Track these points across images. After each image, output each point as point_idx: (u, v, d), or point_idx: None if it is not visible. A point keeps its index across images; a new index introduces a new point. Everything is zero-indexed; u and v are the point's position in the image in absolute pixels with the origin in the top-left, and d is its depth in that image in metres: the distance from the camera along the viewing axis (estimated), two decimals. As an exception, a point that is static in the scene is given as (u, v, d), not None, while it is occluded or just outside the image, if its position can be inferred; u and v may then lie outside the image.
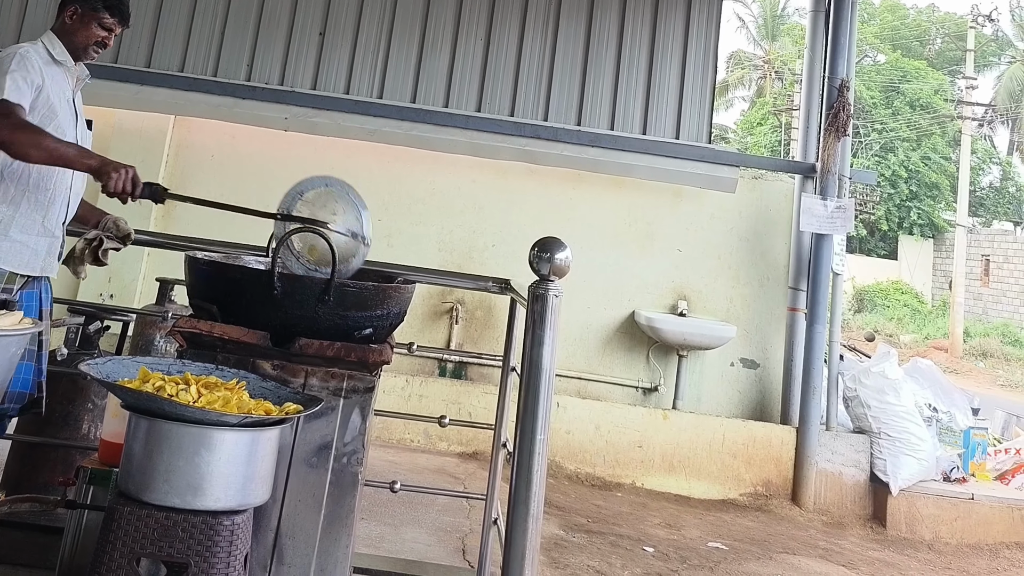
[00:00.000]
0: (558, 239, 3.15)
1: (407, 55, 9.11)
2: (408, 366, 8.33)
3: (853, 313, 32.10)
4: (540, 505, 2.99)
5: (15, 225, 3.55)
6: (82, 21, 3.75)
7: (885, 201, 35.72)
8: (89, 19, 3.75)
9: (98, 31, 3.76)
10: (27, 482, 4.14)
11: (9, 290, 3.45)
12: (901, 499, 7.65)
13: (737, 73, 47.81)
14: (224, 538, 2.46)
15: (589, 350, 8.67)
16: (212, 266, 3.14)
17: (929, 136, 38.14)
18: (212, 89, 8.73)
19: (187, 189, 8.54)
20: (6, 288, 3.47)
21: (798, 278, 8.54)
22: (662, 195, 8.91)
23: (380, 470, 6.41)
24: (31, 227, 3.60)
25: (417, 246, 8.69)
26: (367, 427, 3.01)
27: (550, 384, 3.05)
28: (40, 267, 3.66)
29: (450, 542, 5.53)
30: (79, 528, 3.11)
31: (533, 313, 3.10)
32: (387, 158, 8.84)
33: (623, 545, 6.11)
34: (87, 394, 4.34)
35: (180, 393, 2.56)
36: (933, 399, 8.43)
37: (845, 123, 8.46)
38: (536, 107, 9.07)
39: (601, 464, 7.93)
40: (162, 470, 2.43)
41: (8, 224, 3.53)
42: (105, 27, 3.78)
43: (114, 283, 8.34)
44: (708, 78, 9.24)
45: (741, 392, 8.66)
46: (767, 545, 6.69)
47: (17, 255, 3.55)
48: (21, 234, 3.57)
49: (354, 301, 2.98)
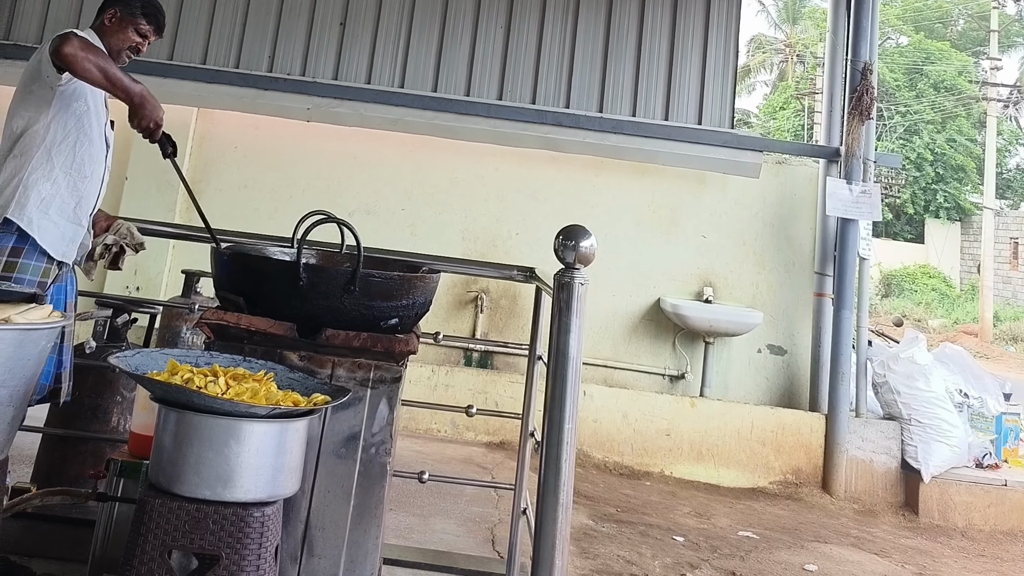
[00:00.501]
0: (583, 227, 3.12)
1: (428, 44, 9.08)
2: (434, 356, 8.33)
3: (880, 298, 31.88)
4: (569, 495, 2.97)
5: (54, 206, 3.65)
6: (120, 25, 3.88)
7: (911, 184, 35.44)
8: (127, 24, 3.88)
9: (133, 36, 3.90)
10: (58, 475, 4.16)
11: (44, 284, 3.48)
12: (933, 486, 7.59)
13: (758, 57, 47.53)
14: (255, 529, 2.46)
15: (615, 338, 8.65)
16: (238, 258, 3.14)
17: (954, 118, 37.83)
18: (234, 81, 8.74)
19: (210, 181, 8.66)
20: (41, 282, 3.51)
21: (824, 263, 8.49)
22: (685, 181, 8.88)
23: (408, 460, 6.41)
24: (65, 211, 3.70)
25: (441, 235, 8.70)
26: (394, 417, 3.00)
27: (577, 372, 3.03)
28: (63, 252, 3.69)
29: (479, 532, 5.52)
30: (110, 520, 3.12)
31: (559, 301, 3.08)
32: (409, 147, 8.84)
33: (653, 535, 6.09)
34: (116, 387, 4.35)
35: (209, 385, 2.56)
36: (964, 384, 8.35)
37: (869, 106, 8.40)
38: (558, 94, 9.02)
39: (629, 453, 7.91)
40: (192, 462, 2.43)
41: (50, 202, 3.64)
42: (140, 33, 3.92)
43: (140, 276, 8.37)
44: (730, 63, 9.18)
45: (768, 379, 8.62)
46: (798, 534, 6.65)
47: (50, 234, 3.63)
48: (58, 216, 3.67)
49: (380, 291, 2.97)
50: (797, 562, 5.94)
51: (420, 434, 7.80)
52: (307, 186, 8.73)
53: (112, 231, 4.01)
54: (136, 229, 4.08)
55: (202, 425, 2.43)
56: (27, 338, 2.65)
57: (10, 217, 3.53)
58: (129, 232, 4.05)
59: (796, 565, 5.88)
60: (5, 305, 2.75)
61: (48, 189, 3.61)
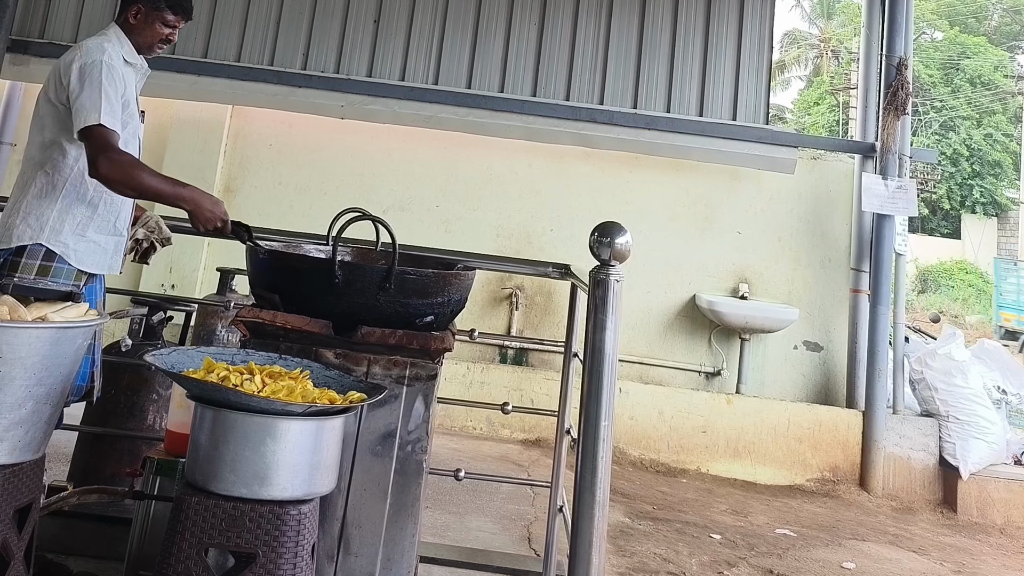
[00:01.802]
0: (618, 223, 3.10)
1: (462, 41, 9.07)
2: (469, 353, 8.33)
3: (917, 294, 31.55)
4: (606, 492, 2.95)
5: (92, 226, 3.61)
6: (147, 20, 3.77)
7: (947, 180, 35.14)
8: (153, 18, 3.77)
9: (162, 29, 3.79)
10: (94, 473, 4.18)
11: (77, 286, 3.47)
12: (971, 483, 7.51)
13: (793, 52, 47.22)
14: (291, 528, 2.46)
15: (650, 334, 8.62)
16: (273, 256, 3.14)
17: (991, 114, 37.47)
18: (268, 78, 8.75)
19: (245, 178, 8.71)
20: (75, 285, 3.50)
21: (860, 259, 8.42)
22: (720, 177, 8.83)
23: (444, 458, 6.41)
24: (105, 227, 3.66)
25: (475, 232, 8.70)
26: (430, 415, 2.99)
27: (613, 369, 3.01)
28: (108, 265, 3.70)
29: (515, 530, 5.51)
30: (147, 519, 3.13)
31: (595, 298, 3.06)
32: (443, 144, 8.84)
33: (689, 532, 6.06)
34: (152, 385, 4.37)
35: (245, 383, 2.56)
36: (1002, 381, 8.28)
37: (904, 101, 8.32)
38: (591, 90, 8.98)
39: (665, 450, 7.88)
40: (228, 460, 2.43)
41: (87, 225, 3.59)
42: (168, 24, 3.80)
43: (175, 273, 8.41)
44: (764, 58, 9.10)
45: (805, 375, 8.56)
46: (836, 531, 6.60)
47: (92, 255, 3.60)
48: (97, 234, 3.63)
49: (415, 288, 2.96)
50: (835, 560, 5.90)
51: (456, 431, 7.80)
52: (341, 183, 8.74)
53: (141, 224, 3.99)
54: (164, 224, 4.07)
55: (238, 423, 2.43)
56: (63, 336, 2.66)
57: (44, 244, 3.49)
58: (158, 226, 4.03)
59: (834, 563, 5.84)
60: (41, 304, 2.76)
61: (83, 212, 3.58)
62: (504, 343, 8.52)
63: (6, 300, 2.66)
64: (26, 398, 2.57)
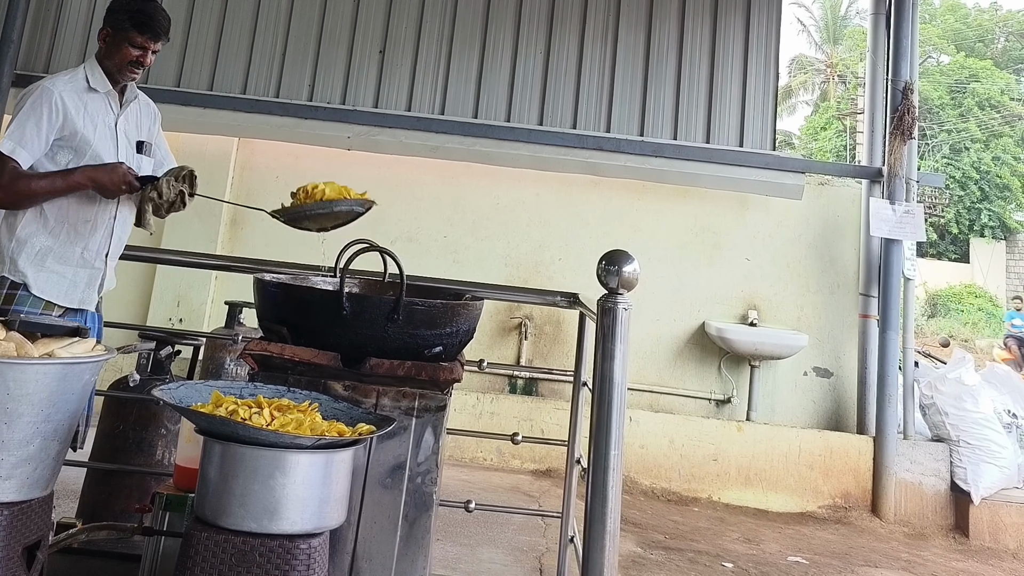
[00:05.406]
0: (625, 251, 3.11)
1: (467, 70, 9.10)
2: (478, 383, 8.32)
3: (926, 318, 31.51)
4: (617, 522, 2.94)
5: (52, 255, 3.60)
6: (114, 42, 3.75)
7: (955, 203, 35.15)
8: (120, 39, 3.74)
9: (131, 51, 3.74)
10: (103, 510, 4.16)
11: (47, 315, 3.47)
12: (983, 508, 7.48)
13: (800, 78, 47.41)
14: (301, 562, 2.44)
15: (660, 362, 8.60)
16: (281, 288, 3.13)
17: (999, 136, 37.51)
18: (274, 110, 8.79)
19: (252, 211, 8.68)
20: (44, 314, 3.50)
21: (869, 284, 8.41)
22: (728, 204, 8.83)
23: (454, 489, 6.39)
24: (70, 258, 3.65)
25: (483, 262, 8.69)
26: (440, 446, 2.98)
27: (622, 398, 3.01)
28: (79, 299, 3.68)
29: (527, 562, 5.48)
30: (156, 554, 3.11)
31: (603, 327, 3.06)
32: (450, 174, 8.86)
33: (702, 561, 6.02)
34: (160, 420, 4.36)
35: (253, 416, 2.54)
36: (1012, 405, 8.23)
37: (910, 126, 8.34)
38: (598, 119, 9.00)
39: (676, 479, 7.84)
40: (238, 494, 2.41)
41: (45, 255, 3.59)
42: (136, 45, 3.74)
43: (183, 307, 8.41)
44: (770, 84, 9.11)
45: (815, 402, 8.53)
46: (848, 558, 6.56)
47: (55, 286, 3.60)
48: (58, 264, 3.62)
49: (423, 319, 2.95)
50: (849, 588, 5.86)
51: (466, 463, 7.78)
52: (348, 215, 8.73)
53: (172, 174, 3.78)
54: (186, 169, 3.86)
55: (247, 457, 2.41)
56: (71, 372, 2.65)
57: (5, 274, 3.54)
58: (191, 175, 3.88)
59: (848, 591, 5.81)
60: (48, 340, 2.75)
61: (44, 241, 3.59)
62: (513, 373, 8.49)
63: (13, 336, 2.66)
64: (34, 435, 2.55)
